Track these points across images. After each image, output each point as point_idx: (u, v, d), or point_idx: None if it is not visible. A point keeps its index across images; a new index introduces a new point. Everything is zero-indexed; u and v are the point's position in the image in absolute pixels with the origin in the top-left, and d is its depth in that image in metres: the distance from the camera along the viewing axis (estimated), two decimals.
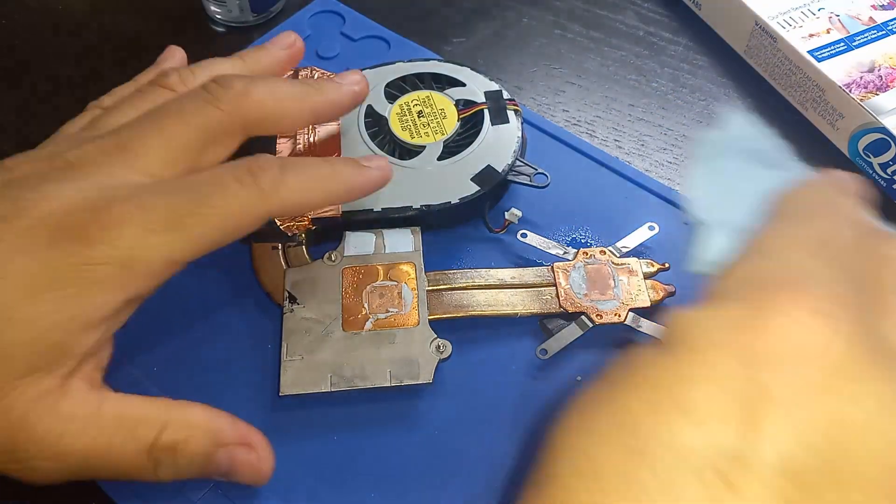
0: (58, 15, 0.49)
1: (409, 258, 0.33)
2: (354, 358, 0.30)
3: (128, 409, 0.25)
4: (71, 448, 0.24)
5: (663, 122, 0.43)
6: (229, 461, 0.26)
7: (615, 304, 0.32)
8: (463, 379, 0.31)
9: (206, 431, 0.26)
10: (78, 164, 0.26)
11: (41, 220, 0.24)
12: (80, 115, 0.31)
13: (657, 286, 0.33)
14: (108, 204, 0.24)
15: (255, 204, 0.26)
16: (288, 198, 0.27)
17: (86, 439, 0.24)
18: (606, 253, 0.34)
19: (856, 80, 0.39)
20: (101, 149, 0.26)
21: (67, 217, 0.24)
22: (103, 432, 0.24)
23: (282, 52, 0.34)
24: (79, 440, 0.24)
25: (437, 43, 0.46)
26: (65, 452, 0.24)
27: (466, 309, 0.32)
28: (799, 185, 0.24)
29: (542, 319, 0.32)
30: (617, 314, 0.32)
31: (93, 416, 0.24)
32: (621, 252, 0.34)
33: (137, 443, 0.25)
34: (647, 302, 0.32)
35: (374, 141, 0.36)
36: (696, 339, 0.19)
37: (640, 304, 0.32)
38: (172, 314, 0.31)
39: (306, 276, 0.32)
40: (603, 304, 0.32)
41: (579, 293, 0.32)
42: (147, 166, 0.26)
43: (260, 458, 0.27)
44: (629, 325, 0.32)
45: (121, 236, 0.24)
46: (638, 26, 0.48)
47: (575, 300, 0.32)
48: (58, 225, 0.24)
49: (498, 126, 0.36)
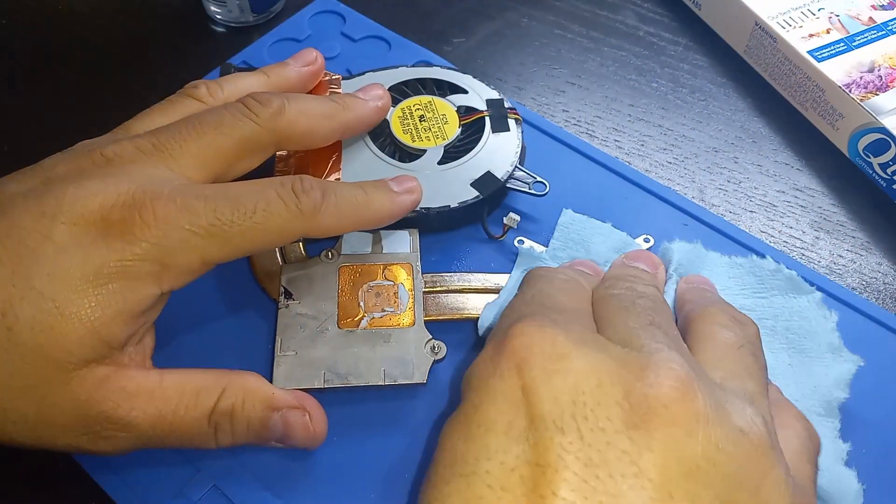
0: (58, 15, 0.49)
1: (406, 259, 0.33)
2: (349, 355, 0.30)
3: (188, 379, 0.26)
4: (140, 419, 0.25)
5: (663, 122, 0.43)
6: (284, 424, 0.27)
7: None
8: (457, 381, 0.31)
9: (262, 396, 0.27)
10: (117, 161, 0.27)
11: (84, 217, 0.25)
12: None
13: None
14: (152, 200, 0.25)
15: (293, 224, 0.27)
16: (324, 224, 0.28)
17: (152, 410, 0.25)
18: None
19: (856, 80, 0.39)
20: (139, 147, 0.27)
21: (111, 213, 0.25)
22: (168, 403, 0.26)
23: (304, 70, 0.35)
24: (146, 412, 0.25)
25: (437, 43, 0.46)
26: (134, 424, 0.25)
27: (462, 311, 0.32)
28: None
29: None
30: None
31: (157, 389, 0.26)
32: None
33: (199, 410, 0.26)
34: None
35: (376, 143, 0.36)
36: (470, 391, 0.23)
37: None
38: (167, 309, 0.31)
39: (303, 272, 0.33)
40: None
41: None
42: (182, 168, 0.27)
43: (314, 420, 0.28)
44: None
45: (164, 235, 0.25)
46: (638, 26, 0.48)
47: None
48: (102, 221, 0.25)
49: (498, 134, 0.36)
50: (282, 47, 0.44)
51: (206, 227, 0.25)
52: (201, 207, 0.25)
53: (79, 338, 0.24)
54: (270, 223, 0.26)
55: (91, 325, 0.24)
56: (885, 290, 0.36)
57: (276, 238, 0.27)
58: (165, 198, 0.25)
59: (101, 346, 0.24)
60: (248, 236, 0.26)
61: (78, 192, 0.25)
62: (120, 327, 0.25)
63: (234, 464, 0.29)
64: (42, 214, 0.25)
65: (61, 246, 0.24)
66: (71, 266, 0.24)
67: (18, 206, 0.25)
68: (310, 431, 0.28)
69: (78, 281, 0.24)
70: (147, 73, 0.46)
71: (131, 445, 0.26)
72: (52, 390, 0.24)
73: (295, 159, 0.35)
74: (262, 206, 0.26)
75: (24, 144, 0.41)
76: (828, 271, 0.37)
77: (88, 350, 0.24)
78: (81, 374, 0.24)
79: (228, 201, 0.26)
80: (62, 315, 0.24)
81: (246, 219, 0.26)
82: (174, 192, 0.26)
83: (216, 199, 0.26)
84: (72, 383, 0.24)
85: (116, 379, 0.25)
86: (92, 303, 0.24)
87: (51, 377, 0.24)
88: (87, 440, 0.25)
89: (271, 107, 0.29)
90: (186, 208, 0.25)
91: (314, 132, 0.31)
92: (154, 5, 0.49)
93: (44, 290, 0.24)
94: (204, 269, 0.26)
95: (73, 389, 0.24)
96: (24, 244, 0.24)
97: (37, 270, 0.24)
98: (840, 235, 0.38)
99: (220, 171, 0.28)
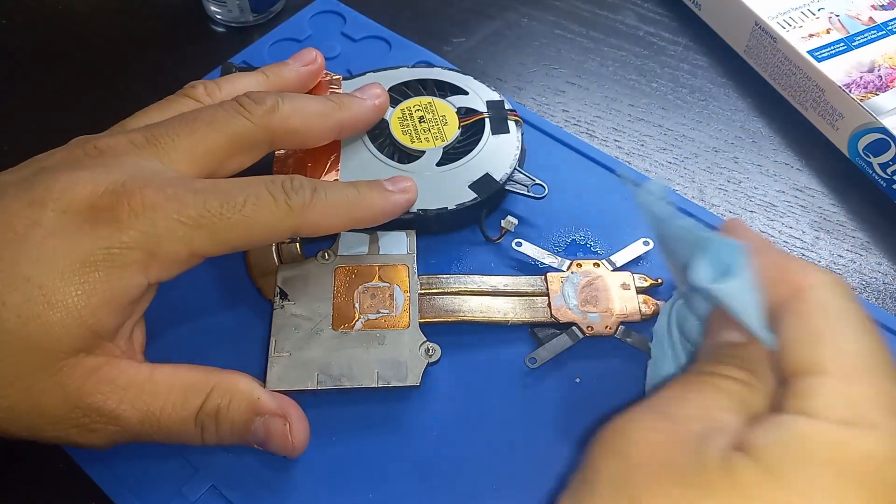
0: (58, 15, 0.49)
1: (403, 260, 0.33)
2: (343, 357, 0.30)
3: (178, 376, 0.27)
4: (129, 413, 0.25)
5: (663, 122, 0.43)
6: (265, 430, 0.27)
7: (606, 316, 0.32)
8: (451, 383, 0.31)
9: (247, 399, 0.27)
10: (109, 153, 0.27)
11: (73, 204, 0.25)
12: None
13: (649, 301, 0.32)
14: (141, 189, 0.25)
15: (282, 221, 0.27)
16: (314, 220, 0.28)
17: (141, 405, 0.26)
18: (600, 266, 0.34)
19: (855, 80, 0.39)
20: (131, 140, 0.27)
21: (99, 200, 0.25)
22: (157, 399, 0.26)
23: (304, 69, 0.36)
24: (135, 406, 0.25)
25: (437, 43, 0.46)
26: (123, 417, 0.25)
27: (458, 314, 0.32)
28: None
29: (532, 328, 0.32)
30: (607, 327, 0.32)
31: (147, 383, 0.26)
32: (615, 265, 0.34)
33: (186, 409, 0.26)
34: (637, 316, 0.32)
35: (375, 143, 0.36)
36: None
37: (631, 319, 0.32)
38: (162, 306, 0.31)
39: (298, 273, 0.33)
40: (594, 316, 0.32)
41: (571, 304, 0.32)
42: (174, 162, 0.27)
43: (293, 431, 0.28)
44: (618, 338, 0.32)
45: (152, 224, 0.25)
46: (638, 26, 0.48)
47: (566, 311, 0.32)
48: (90, 208, 0.25)
49: (498, 136, 0.36)
50: (282, 47, 0.44)
51: (194, 218, 0.25)
52: (190, 198, 0.26)
53: (65, 326, 0.24)
54: (259, 217, 0.26)
55: (78, 314, 0.24)
56: (885, 290, 0.36)
57: (264, 233, 0.27)
58: (154, 187, 0.25)
59: (88, 335, 0.25)
60: (237, 229, 0.26)
61: (68, 181, 0.25)
62: (107, 316, 0.25)
63: (232, 464, 0.29)
64: (31, 201, 0.25)
65: (49, 232, 0.24)
66: (57, 252, 0.24)
67: (9, 194, 0.25)
68: (287, 442, 0.28)
69: (64, 267, 0.24)
70: (147, 73, 0.46)
71: (120, 438, 0.26)
72: (41, 379, 0.24)
73: (293, 160, 0.35)
74: (252, 200, 0.26)
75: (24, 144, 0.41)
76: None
77: (76, 339, 0.24)
78: (70, 364, 0.24)
79: (218, 193, 0.26)
80: (48, 303, 0.24)
81: (235, 211, 0.26)
82: (164, 182, 0.26)
83: (206, 192, 0.26)
84: (60, 373, 0.24)
85: (107, 370, 0.25)
86: (78, 290, 0.24)
87: (39, 366, 0.24)
88: (76, 432, 0.25)
89: (265, 105, 0.30)
90: (175, 198, 0.25)
91: (308, 131, 0.31)
92: (154, 5, 0.49)
93: (30, 275, 0.24)
94: (192, 260, 0.26)
95: (62, 380, 0.24)
96: (13, 230, 0.24)
97: (24, 256, 0.24)
98: (840, 235, 0.38)
99: (211, 167, 0.29)
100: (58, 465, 0.30)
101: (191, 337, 0.33)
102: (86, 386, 0.25)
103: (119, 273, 0.25)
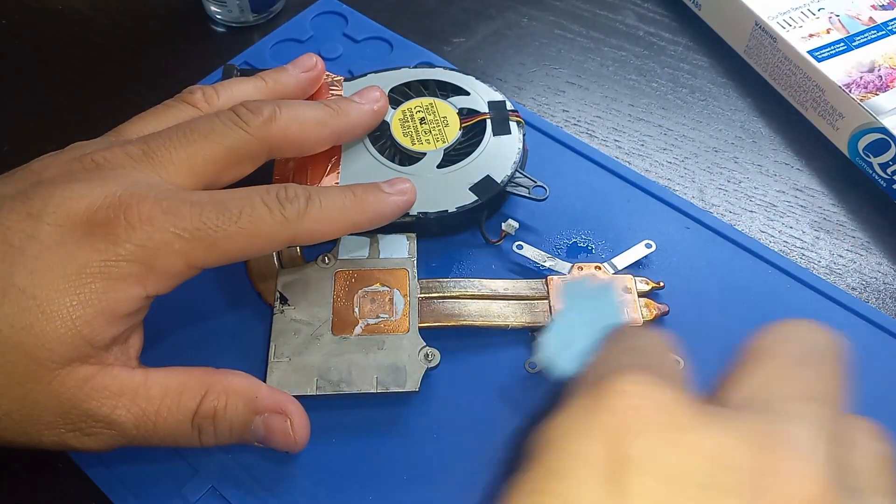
0: (58, 15, 0.49)
1: (403, 264, 0.33)
2: (342, 362, 0.30)
3: (172, 379, 0.27)
4: (124, 418, 0.26)
5: (663, 122, 0.43)
6: (266, 428, 0.27)
7: None
8: (451, 388, 0.31)
9: (245, 398, 0.27)
10: (106, 166, 0.27)
11: (69, 217, 0.25)
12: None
13: (651, 305, 0.32)
14: (138, 203, 0.25)
15: (279, 231, 0.27)
16: (311, 229, 0.28)
17: (136, 409, 0.26)
18: (602, 269, 0.34)
19: (856, 80, 0.39)
20: (128, 153, 0.28)
21: (96, 214, 0.25)
22: (151, 403, 0.26)
23: (303, 75, 0.35)
24: (130, 410, 0.26)
25: (437, 43, 0.46)
26: (118, 422, 0.25)
27: (458, 318, 0.32)
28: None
29: (533, 332, 0.32)
30: None
31: (141, 388, 0.26)
32: (616, 269, 0.34)
33: (182, 412, 0.26)
34: (639, 320, 0.32)
35: (376, 145, 0.36)
36: (547, 450, 0.18)
37: (633, 323, 0.32)
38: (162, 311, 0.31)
39: (298, 277, 0.33)
40: None
41: None
42: (171, 175, 0.28)
43: (294, 427, 0.28)
44: None
45: (148, 237, 0.25)
46: (638, 26, 0.47)
47: None
48: (86, 221, 0.25)
49: (500, 137, 0.36)
50: (284, 48, 0.44)
51: (191, 231, 0.25)
52: (187, 211, 0.26)
53: (59, 336, 0.24)
54: (255, 229, 0.26)
55: (72, 324, 0.24)
56: (884, 290, 0.36)
57: (261, 244, 0.27)
58: (151, 201, 0.26)
59: (83, 346, 0.25)
60: (233, 241, 0.26)
61: (65, 194, 0.25)
62: (103, 327, 0.25)
63: (232, 466, 0.29)
64: (28, 215, 0.25)
65: (45, 245, 0.25)
66: (53, 265, 0.24)
67: (6, 207, 0.25)
68: (290, 438, 0.28)
69: (60, 279, 0.24)
70: (147, 73, 0.46)
71: (116, 442, 0.26)
72: (35, 388, 0.24)
73: (294, 162, 0.35)
74: (248, 211, 0.26)
75: (24, 144, 0.41)
76: (828, 271, 0.36)
77: (70, 349, 0.24)
78: (64, 373, 0.25)
79: (214, 206, 0.26)
80: (43, 313, 0.24)
81: (231, 223, 0.26)
82: (160, 195, 0.26)
83: (202, 204, 0.26)
84: (54, 382, 0.24)
85: (100, 378, 0.25)
86: (73, 301, 0.24)
87: (33, 375, 0.24)
88: (72, 437, 0.25)
89: (262, 115, 0.29)
90: (172, 211, 0.26)
91: (306, 140, 0.31)
92: (154, 5, 0.49)
93: (25, 287, 0.24)
94: (189, 272, 0.26)
95: (56, 388, 0.24)
96: (9, 243, 0.25)
97: (19, 268, 0.24)
98: (840, 235, 0.38)
99: (209, 179, 0.29)
100: (58, 465, 0.30)
101: (191, 341, 0.33)
102: (80, 394, 0.25)
103: (115, 285, 0.25)
